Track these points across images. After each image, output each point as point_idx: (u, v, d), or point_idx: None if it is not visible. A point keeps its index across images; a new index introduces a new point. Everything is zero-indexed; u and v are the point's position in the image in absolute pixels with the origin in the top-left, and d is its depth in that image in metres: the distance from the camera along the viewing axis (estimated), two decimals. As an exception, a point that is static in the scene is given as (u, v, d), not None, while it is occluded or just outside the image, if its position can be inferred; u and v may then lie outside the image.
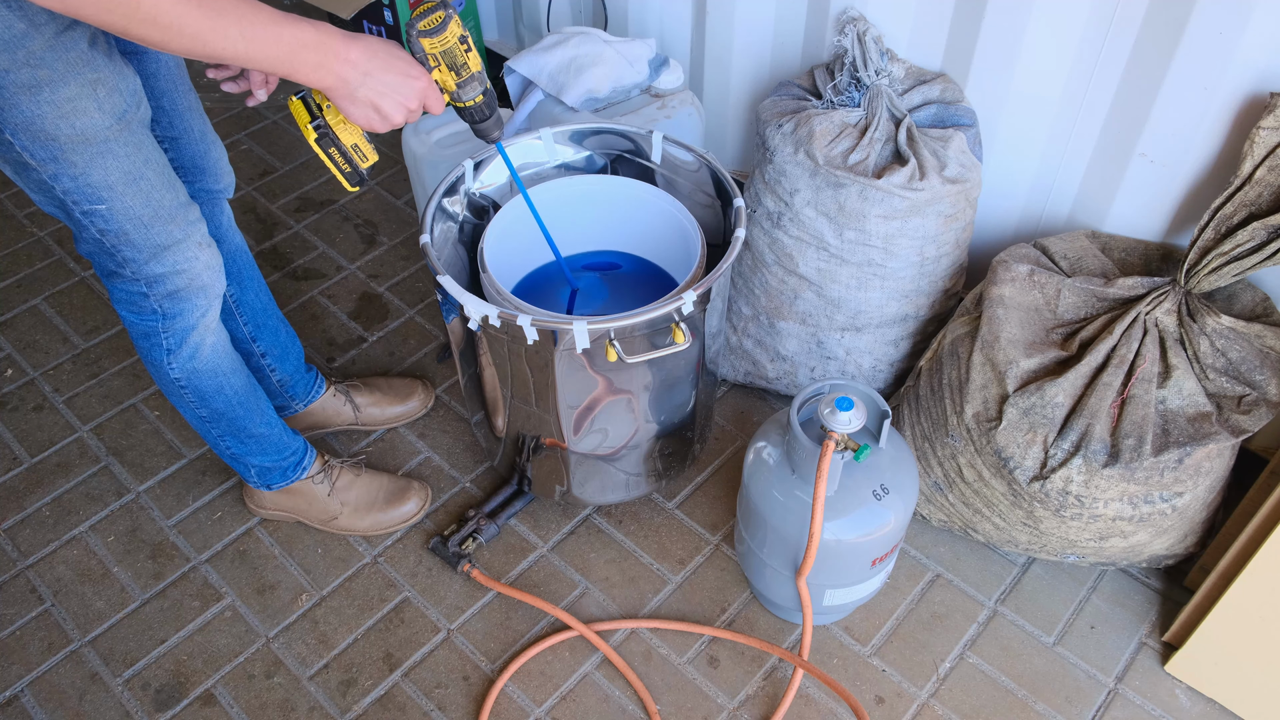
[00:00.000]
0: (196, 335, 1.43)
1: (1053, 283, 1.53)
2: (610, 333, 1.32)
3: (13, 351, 2.08)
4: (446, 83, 1.22)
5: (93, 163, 1.18)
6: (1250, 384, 1.42)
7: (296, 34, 1.06)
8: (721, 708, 1.55)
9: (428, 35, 1.17)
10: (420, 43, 1.18)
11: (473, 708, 1.55)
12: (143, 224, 1.27)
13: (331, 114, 1.20)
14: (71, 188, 1.20)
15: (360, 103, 1.15)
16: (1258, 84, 1.38)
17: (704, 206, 1.61)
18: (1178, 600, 1.64)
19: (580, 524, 1.78)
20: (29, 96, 1.09)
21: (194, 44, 1.00)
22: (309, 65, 1.09)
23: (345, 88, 1.13)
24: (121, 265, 1.31)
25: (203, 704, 1.56)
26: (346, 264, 2.26)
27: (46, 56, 1.08)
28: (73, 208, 1.23)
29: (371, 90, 1.14)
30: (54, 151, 1.15)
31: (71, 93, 1.12)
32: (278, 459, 1.67)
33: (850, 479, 1.38)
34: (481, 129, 1.31)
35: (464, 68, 1.21)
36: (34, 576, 1.72)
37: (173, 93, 1.38)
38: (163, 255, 1.31)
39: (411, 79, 1.17)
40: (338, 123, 1.21)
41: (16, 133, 1.13)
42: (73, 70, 1.11)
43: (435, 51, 1.18)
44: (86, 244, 1.30)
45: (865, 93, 1.63)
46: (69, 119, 1.13)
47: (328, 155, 1.23)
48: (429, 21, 1.17)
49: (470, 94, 1.24)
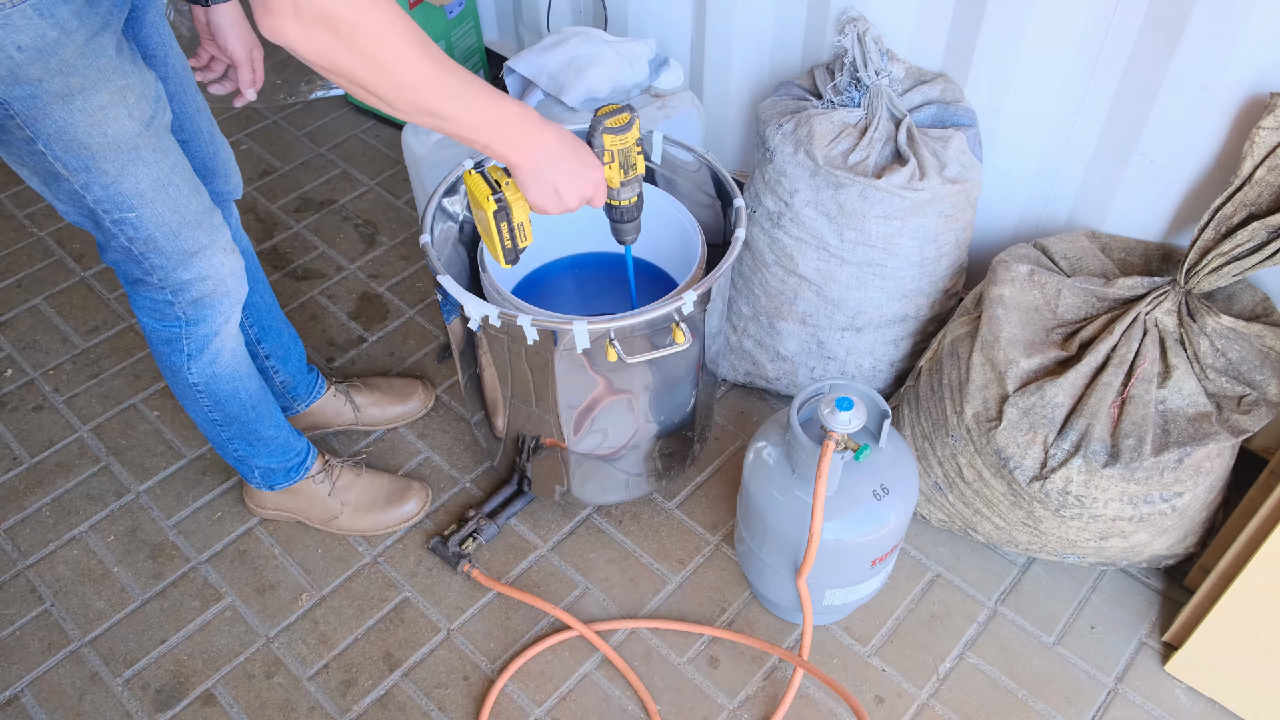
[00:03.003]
0: (218, 341, 1.44)
1: (1053, 283, 1.53)
2: (610, 333, 1.32)
3: (13, 351, 2.08)
4: (613, 179, 1.29)
5: (124, 170, 1.18)
6: (1250, 384, 1.42)
7: (505, 109, 1.12)
8: (721, 708, 1.55)
9: (612, 132, 1.24)
10: (604, 138, 1.24)
11: (473, 708, 1.55)
12: (171, 230, 1.27)
13: (510, 190, 1.24)
14: (103, 196, 1.20)
15: (544, 183, 1.20)
16: (1258, 84, 1.38)
17: (704, 206, 1.61)
18: (1178, 600, 1.64)
19: (580, 524, 1.78)
20: (62, 105, 1.10)
21: (420, 97, 1.03)
22: (508, 141, 1.13)
23: (534, 167, 1.18)
24: (149, 273, 1.31)
25: (203, 704, 1.56)
26: (346, 264, 2.26)
27: (78, 64, 1.08)
28: (103, 216, 1.23)
29: (555, 174, 1.19)
30: (86, 160, 1.15)
31: (103, 100, 1.12)
32: (282, 460, 1.67)
33: (850, 479, 1.38)
34: (622, 229, 1.37)
35: (632, 168, 1.29)
36: (34, 576, 1.72)
37: (182, 96, 1.38)
38: (190, 262, 1.31)
39: (591, 169, 1.23)
40: (515, 199, 1.25)
41: (49, 143, 1.13)
42: (103, 77, 1.11)
43: (614, 149, 1.25)
44: (114, 252, 1.30)
45: (865, 93, 1.63)
46: (101, 127, 1.13)
47: (498, 229, 1.27)
48: (616, 120, 1.25)
49: (629, 193, 1.32)
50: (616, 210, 1.34)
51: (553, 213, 1.23)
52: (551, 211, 1.22)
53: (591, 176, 1.23)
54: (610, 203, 1.33)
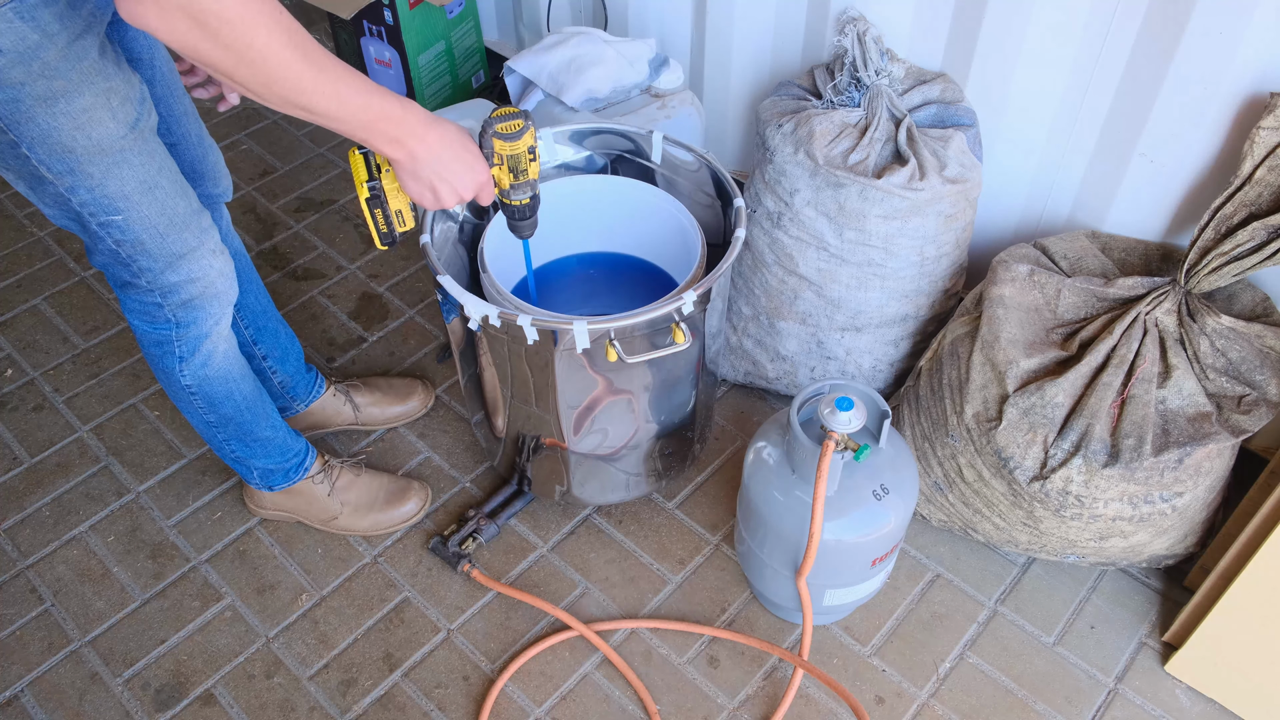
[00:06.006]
0: (210, 343, 1.43)
1: (1053, 283, 1.53)
2: (610, 333, 1.32)
3: (13, 351, 2.08)
4: (502, 181, 1.29)
5: (109, 173, 1.18)
6: (1250, 384, 1.42)
7: (384, 106, 1.10)
8: (721, 708, 1.55)
9: (502, 138, 1.24)
10: (493, 141, 1.24)
11: (473, 708, 1.55)
12: (158, 233, 1.27)
13: (388, 179, 1.26)
14: (89, 199, 1.19)
15: (421, 180, 1.19)
16: (1258, 84, 1.38)
17: (704, 206, 1.61)
18: (1178, 600, 1.64)
19: (580, 524, 1.78)
20: (45, 108, 1.09)
21: (290, 93, 1.02)
22: (385, 137, 1.13)
23: (412, 164, 1.17)
24: (137, 275, 1.31)
25: (203, 704, 1.56)
26: (346, 264, 2.26)
27: (61, 67, 1.08)
28: (89, 220, 1.22)
29: (434, 172, 1.19)
30: (71, 164, 1.15)
31: (87, 103, 1.11)
32: (281, 461, 1.67)
33: (850, 479, 1.38)
34: (516, 225, 1.38)
35: (523, 173, 1.29)
36: (34, 576, 1.72)
37: (169, 98, 1.38)
38: (178, 264, 1.31)
39: (474, 171, 1.22)
40: (391, 189, 1.26)
41: (34, 146, 1.12)
42: (87, 80, 1.10)
43: (504, 153, 1.25)
44: (101, 255, 1.30)
45: (865, 93, 1.63)
46: (85, 130, 1.13)
47: (371, 214, 1.29)
48: (507, 126, 1.24)
49: (520, 195, 1.32)
50: (508, 209, 1.34)
51: (430, 208, 1.23)
52: (429, 206, 1.23)
53: (473, 179, 1.22)
54: (502, 201, 1.33)
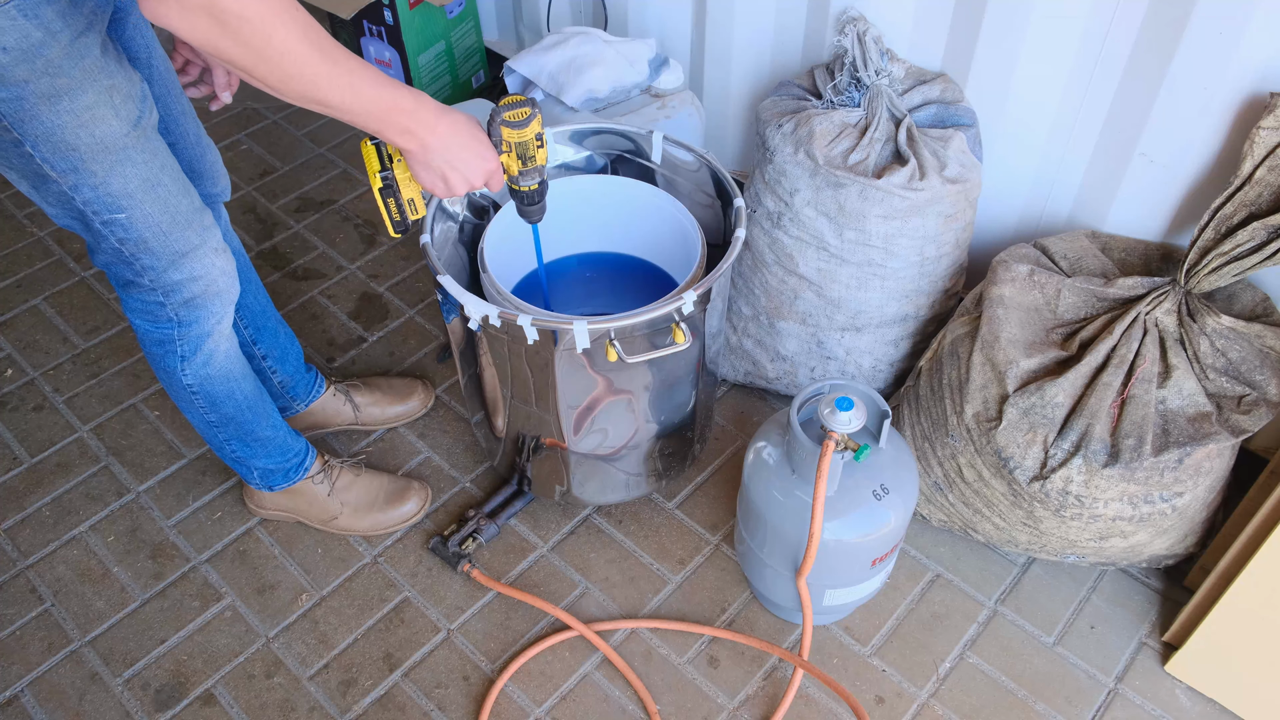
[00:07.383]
0: (211, 342, 1.43)
1: (1053, 283, 1.53)
2: (610, 333, 1.32)
3: (13, 351, 2.08)
4: (511, 167, 1.31)
5: (112, 171, 1.18)
6: (1250, 384, 1.42)
7: (396, 98, 1.12)
8: (721, 708, 1.55)
9: (510, 126, 1.26)
10: (501, 130, 1.26)
11: (473, 708, 1.55)
12: (161, 231, 1.27)
13: (400, 169, 1.28)
14: (92, 197, 1.19)
15: (432, 169, 1.21)
16: (1258, 84, 1.38)
17: (704, 206, 1.61)
18: (1178, 600, 1.64)
19: (580, 524, 1.78)
20: (49, 106, 1.09)
21: (307, 88, 1.04)
22: (398, 128, 1.14)
23: (424, 154, 1.19)
24: (140, 274, 1.31)
25: (203, 704, 1.56)
26: (346, 264, 2.26)
27: (64, 64, 1.08)
28: (92, 218, 1.22)
29: (445, 161, 1.20)
30: (74, 162, 1.15)
31: (90, 100, 1.12)
32: (281, 461, 1.67)
33: (850, 479, 1.38)
34: (526, 211, 1.39)
35: (531, 159, 1.31)
36: (34, 576, 1.72)
37: (167, 98, 1.38)
38: (181, 262, 1.31)
39: (483, 160, 1.24)
40: (404, 178, 1.29)
41: (37, 144, 1.12)
42: (89, 77, 1.11)
43: (512, 140, 1.27)
44: (104, 254, 1.30)
45: (865, 93, 1.63)
46: (88, 127, 1.13)
47: (385, 203, 1.31)
48: (515, 114, 1.26)
49: (528, 181, 1.33)
50: (517, 194, 1.36)
51: (441, 195, 1.25)
52: (440, 195, 1.25)
53: (483, 166, 1.24)
54: (512, 187, 1.35)
